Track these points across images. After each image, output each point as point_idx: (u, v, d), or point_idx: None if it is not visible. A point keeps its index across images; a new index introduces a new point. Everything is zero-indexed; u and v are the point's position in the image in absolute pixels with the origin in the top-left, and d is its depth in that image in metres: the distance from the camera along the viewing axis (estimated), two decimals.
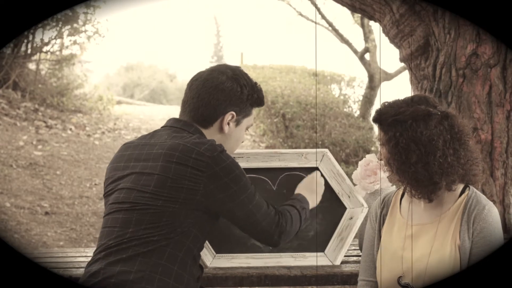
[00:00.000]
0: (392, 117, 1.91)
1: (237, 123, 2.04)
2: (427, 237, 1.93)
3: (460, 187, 1.95)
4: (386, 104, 1.97)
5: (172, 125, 2.04)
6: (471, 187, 1.96)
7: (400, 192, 2.07)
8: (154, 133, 2.04)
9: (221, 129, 2.01)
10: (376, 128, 2.05)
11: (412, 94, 2.01)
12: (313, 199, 2.27)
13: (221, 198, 1.91)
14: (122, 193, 1.92)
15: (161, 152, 1.91)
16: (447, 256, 1.87)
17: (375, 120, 1.97)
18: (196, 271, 1.95)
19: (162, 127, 2.07)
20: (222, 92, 1.98)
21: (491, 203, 1.91)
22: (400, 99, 1.97)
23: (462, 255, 1.86)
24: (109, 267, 1.83)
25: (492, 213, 1.88)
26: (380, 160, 2.01)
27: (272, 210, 2.01)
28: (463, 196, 1.93)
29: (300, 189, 2.30)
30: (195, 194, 1.87)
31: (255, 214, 1.96)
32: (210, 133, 2.01)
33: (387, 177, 2.08)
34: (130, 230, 1.85)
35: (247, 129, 2.10)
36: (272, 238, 2.00)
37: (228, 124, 2.01)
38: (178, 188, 1.86)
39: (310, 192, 2.28)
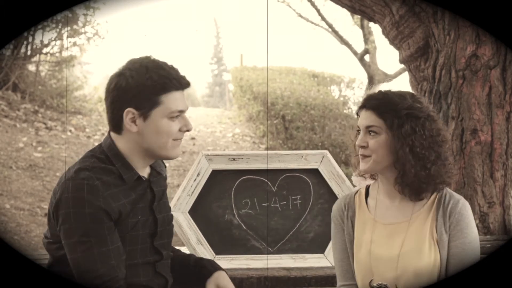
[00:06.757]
0: (406, 110, 1.88)
1: (145, 118, 1.81)
2: (402, 235, 1.92)
3: None
4: (387, 92, 1.93)
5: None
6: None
7: (363, 192, 2.05)
8: None
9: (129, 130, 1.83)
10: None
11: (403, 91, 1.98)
12: None
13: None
14: None
15: None
16: (426, 251, 1.88)
17: (378, 107, 1.90)
18: None
19: None
20: (111, 92, 1.83)
21: (463, 198, 1.95)
22: (392, 91, 1.94)
23: (441, 249, 1.89)
24: None
25: (466, 206, 1.93)
26: (365, 146, 1.92)
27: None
28: (435, 193, 1.96)
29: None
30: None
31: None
32: (126, 137, 1.86)
33: (364, 169, 1.95)
34: None
35: (179, 114, 1.85)
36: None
37: (134, 122, 1.82)
38: None
39: None
